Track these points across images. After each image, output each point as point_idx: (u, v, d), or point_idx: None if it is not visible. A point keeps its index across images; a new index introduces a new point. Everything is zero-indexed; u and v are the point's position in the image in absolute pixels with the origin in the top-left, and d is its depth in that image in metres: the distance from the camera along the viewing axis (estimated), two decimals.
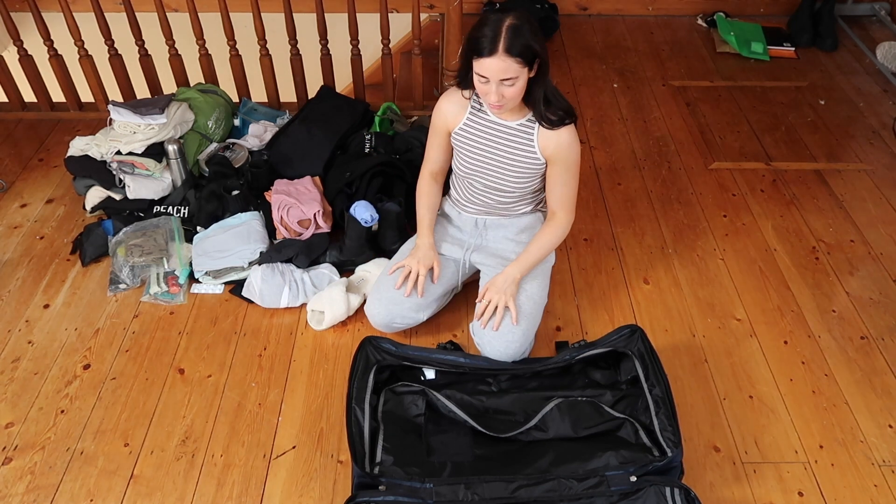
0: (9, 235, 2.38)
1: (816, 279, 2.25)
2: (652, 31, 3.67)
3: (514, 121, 1.85)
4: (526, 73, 1.68)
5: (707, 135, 2.92)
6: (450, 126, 1.93)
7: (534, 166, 1.88)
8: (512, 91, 1.69)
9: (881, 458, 1.76)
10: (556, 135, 1.81)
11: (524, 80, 1.69)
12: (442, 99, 1.92)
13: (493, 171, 1.91)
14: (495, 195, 1.96)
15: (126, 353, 2.00)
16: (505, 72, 1.65)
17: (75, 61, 2.79)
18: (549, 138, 1.82)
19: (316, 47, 2.77)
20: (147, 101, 2.50)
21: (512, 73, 1.65)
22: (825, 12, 3.55)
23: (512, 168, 1.88)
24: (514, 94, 1.70)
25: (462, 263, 2.03)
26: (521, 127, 1.84)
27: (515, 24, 1.63)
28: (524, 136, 1.84)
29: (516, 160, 1.87)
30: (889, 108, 3.08)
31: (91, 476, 1.71)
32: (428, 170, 2.04)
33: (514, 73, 1.65)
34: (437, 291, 1.98)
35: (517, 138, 1.85)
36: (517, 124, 1.85)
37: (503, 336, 1.84)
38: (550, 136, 1.82)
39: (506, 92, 1.69)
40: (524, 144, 1.85)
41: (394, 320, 1.95)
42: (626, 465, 1.58)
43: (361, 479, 1.53)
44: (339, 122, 2.59)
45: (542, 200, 2.04)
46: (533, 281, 1.94)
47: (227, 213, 2.31)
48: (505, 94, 1.70)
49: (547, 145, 1.83)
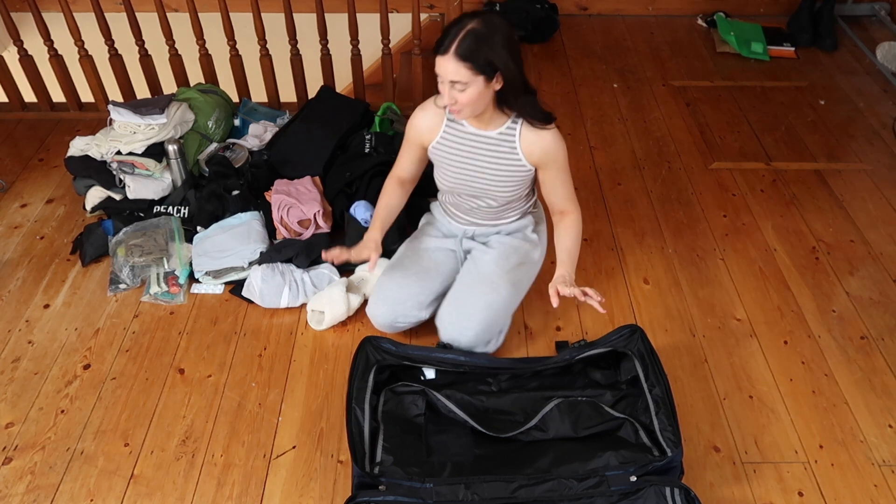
0: (9, 235, 2.38)
1: (816, 279, 2.25)
2: (652, 31, 3.67)
3: (494, 130, 1.80)
4: (481, 82, 1.62)
5: (707, 135, 2.92)
6: (424, 140, 1.88)
7: (520, 172, 1.84)
8: (463, 97, 1.63)
9: (881, 458, 1.76)
10: (540, 138, 1.77)
11: (478, 90, 1.63)
12: (416, 112, 1.87)
13: (478, 182, 1.87)
14: (482, 204, 1.93)
15: (126, 353, 2.00)
16: (454, 74, 1.60)
17: (75, 61, 2.79)
18: (533, 143, 1.78)
19: (316, 47, 2.77)
20: (147, 101, 2.50)
21: (461, 77, 1.60)
22: (825, 12, 3.55)
23: (498, 177, 1.85)
24: (466, 100, 1.64)
25: (458, 254, 2.03)
26: (502, 136, 1.79)
27: (478, 31, 1.58)
28: (506, 145, 1.80)
29: (501, 169, 1.83)
30: (889, 108, 3.08)
31: (91, 476, 1.71)
32: (396, 174, 1.99)
33: (463, 78, 1.60)
34: (437, 289, 1.98)
35: (500, 148, 1.81)
36: (497, 133, 1.79)
37: (459, 324, 1.88)
38: (534, 140, 1.77)
39: (458, 97, 1.64)
40: (507, 152, 1.81)
41: (397, 320, 1.95)
42: (626, 464, 1.58)
43: (361, 479, 1.53)
44: (339, 122, 2.59)
45: (530, 206, 2.02)
46: (503, 272, 1.93)
47: (227, 213, 2.31)
48: (457, 98, 1.64)
49: (532, 150, 1.79)
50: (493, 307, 1.89)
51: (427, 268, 1.98)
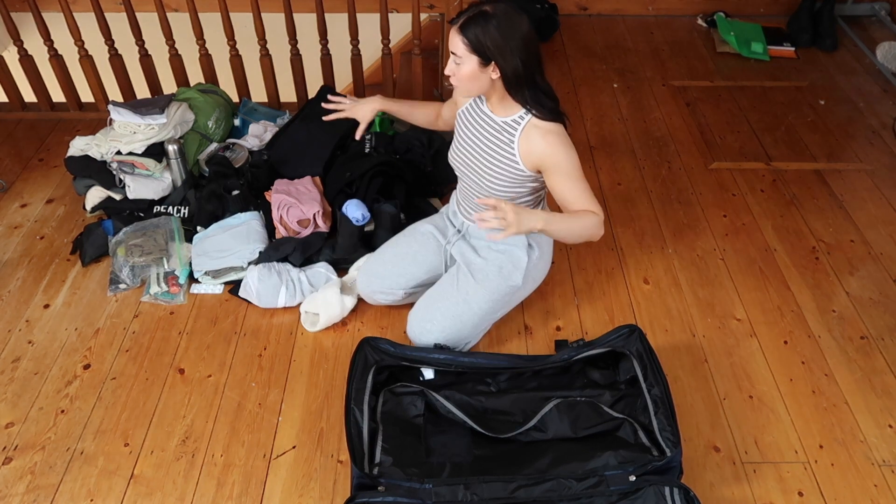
0: (9, 235, 2.38)
1: (816, 279, 2.25)
2: (652, 31, 3.67)
3: (502, 117, 1.79)
4: (475, 63, 1.66)
5: (707, 135, 2.92)
6: (459, 101, 1.95)
7: (512, 169, 1.79)
8: (459, 72, 1.69)
9: (881, 458, 1.76)
10: (541, 139, 1.72)
11: (471, 69, 1.67)
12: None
13: (473, 163, 1.86)
14: (478, 191, 1.89)
15: (126, 353, 2.00)
16: (453, 45, 1.66)
17: (75, 61, 2.79)
18: (534, 143, 1.73)
19: (316, 47, 2.77)
20: (147, 101, 2.50)
21: (457, 50, 1.66)
22: (825, 12, 3.54)
23: (490, 164, 1.81)
24: (461, 75, 1.69)
25: (444, 251, 2.03)
26: (505, 125, 1.78)
27: (487, 13, 1.63)
28: (506, 135, 1.78)
29: (495, 158, 1.80)
30: (889, 108, 3.08)
31: (91, 476, 1.71)
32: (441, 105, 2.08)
33: (458, 52, 1.66)
34: (420, 276, 2.01)
35: (500, 135, 1.79)
36: (502, 120, 1.79)
37: (423, 324, 1.92)
38: (535, 141, 1.73)
39: (454, 70, 1.70)
40: (504, 143, 1.78)
41: (374, 293, 2.04)
42: (625, 464, 1.57)
43: (361, 480, 1.53)
44: (339, 122, 2.58)
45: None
46: (480, 289, 1.91)
47: (227, 213, 2.31)
48: (454, 71, 1.70)
49: (530, 150, 1.74)
50: (462, 319, 1.90)
51: (416, 251, 2.03)
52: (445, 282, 1.97)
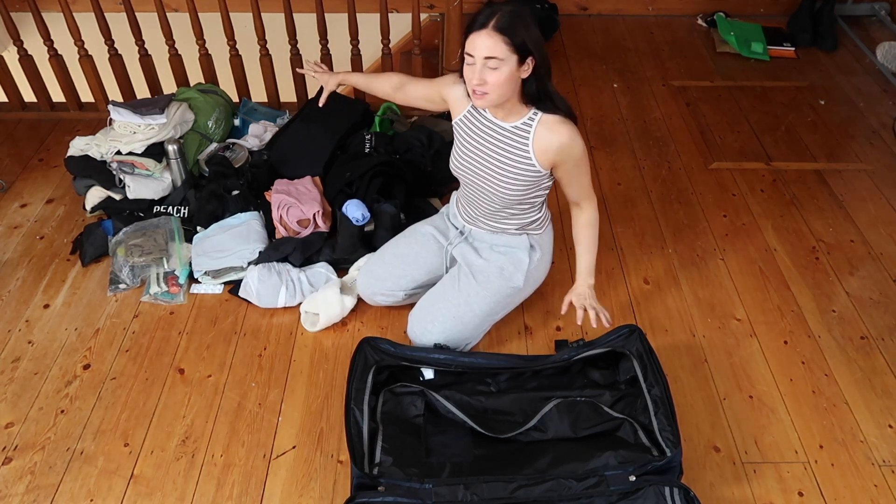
0: (9, 235, 2.38)
1: (816, 279, 2.25)
2: (652, 31, 3.67)
3: (511, 122, 1.76)
4: (514, 62, 1.59)
5: (707, 135, 2.92)
6: (451, 103, 1.87)
7: (528, 172, 1.77)
8: (495, 77, 1.59)
9: (881, 458, 1.76)
10: (557, 136, 1.71)
11: (510, 71, 1.59)
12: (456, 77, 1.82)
13: (483, 172, 1.83)
14: (484, 198, 1.88)
15: (126, 353, 2.00)
16: (490, 49, 1.56)
17: (75, 61, 2.79)
18: (550, 142, 1.71)
19: (316, 47, 2.77)
20: (147, 101, 2.50)
21: (498, 52, 1.56)
22: (825, 12, 3.55)
23: (503, 171, 1.79)
24: (497, 81, 1.60)
25: (445, 252, 2.03)
26: (516, 129, 1.75)
27: (516, 11, 1.58)
28: (519, 139, 1.75)
29: (509, 163, 1.78)
30: (889, 108, 3.08)
31: (91, 476, 1.71)
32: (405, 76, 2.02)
33: (499, 54, 1.56)
34: (420, 277, 2.01)
35: (512, 140, 1.76)
36: (512, 126, 1.75)
37: (424, 324, 1.92)
38: (550, 139, 1.71)
39: (488, 77, 1.59)
40: (518, 148, 1.76)
41: (375, 293, 2.05)
42: (625, 464, 1.57)
43: (360, 480, 1.53)
44: (339, 122, 2.59)
45: (532, 222, 1.93)
46: (481, 290, 1.92)
47: (227, 213, 2.31)
48: (487, 78, 1.59)
49: (546, 149, 1.73)
50: (463, 320, 1.91)
51: (416, 253, 2.03)
52: (447, 283, 1.97)
